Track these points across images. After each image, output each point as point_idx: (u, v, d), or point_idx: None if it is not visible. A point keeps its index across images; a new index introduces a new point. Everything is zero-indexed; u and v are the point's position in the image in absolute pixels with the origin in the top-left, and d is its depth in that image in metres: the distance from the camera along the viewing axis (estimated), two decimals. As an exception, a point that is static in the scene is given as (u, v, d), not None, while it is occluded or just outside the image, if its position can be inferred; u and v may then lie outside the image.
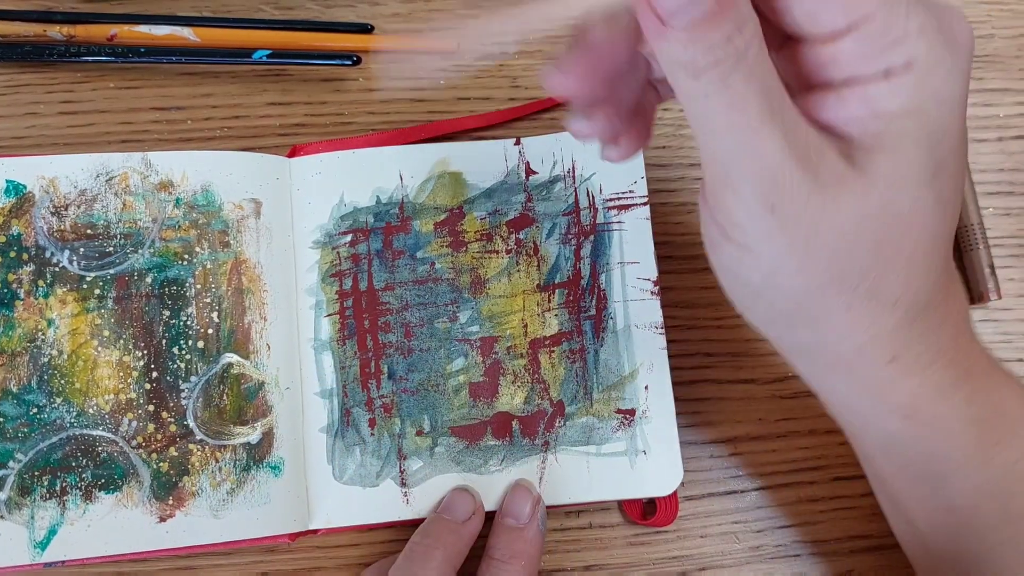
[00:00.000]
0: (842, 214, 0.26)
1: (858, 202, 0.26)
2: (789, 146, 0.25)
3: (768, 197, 0.26)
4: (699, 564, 0.43)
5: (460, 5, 0.48)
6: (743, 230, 0.27)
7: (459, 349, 0.43)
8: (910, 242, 0.27)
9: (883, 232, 0.26)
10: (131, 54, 0.44)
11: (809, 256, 0.27)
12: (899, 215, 0.26)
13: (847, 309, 0.28)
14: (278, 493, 0.40)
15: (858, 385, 0.31)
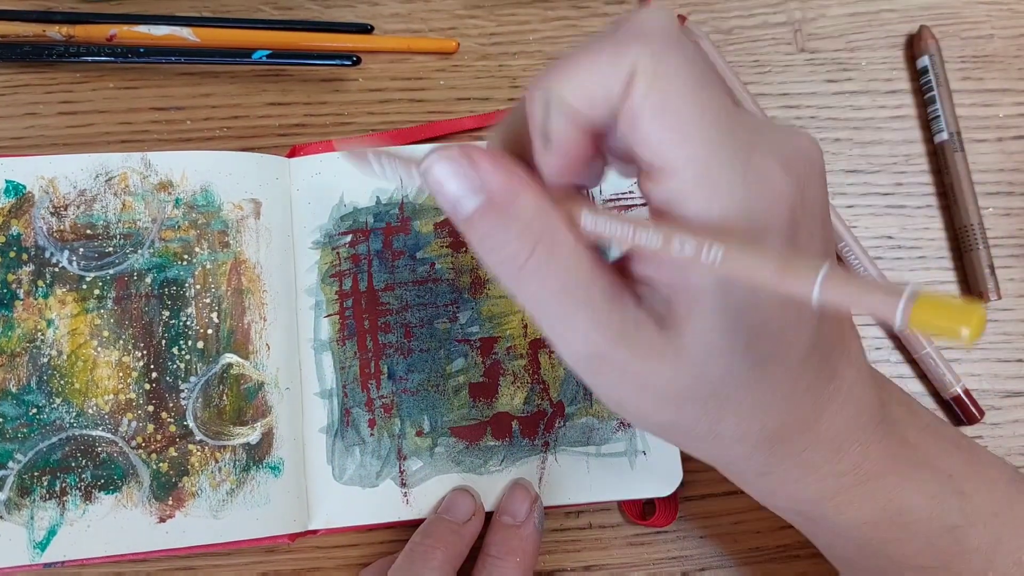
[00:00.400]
0: (663, 380, 0.26)
1: (673, 371, 0.26)
2: (598, 326, 0.26)
3: (589, 366, 0.27)
4: (699, 564, 0.43)
5: (460, 5, 0.48)
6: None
7: (459, 350, 0.43)
8: (732, 402, 0.27)
9: (704, 392, 0.27)
10: (130, 54, 0.44)
11: (645, 407, 0.28)
12: (713, 382, 0.27)
13: (697, 440, 0.30)
14: (278, 493, 0.40)
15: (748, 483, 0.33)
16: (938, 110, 0.46)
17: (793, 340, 0.27)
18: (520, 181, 0.25)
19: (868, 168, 0.47)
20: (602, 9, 0.48)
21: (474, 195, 0.25)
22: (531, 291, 0.26)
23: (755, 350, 0.26)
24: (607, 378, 0.27)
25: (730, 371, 0.26)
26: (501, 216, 0.25)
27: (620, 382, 0.27)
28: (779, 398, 0.28)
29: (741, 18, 0.49)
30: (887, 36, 0.49)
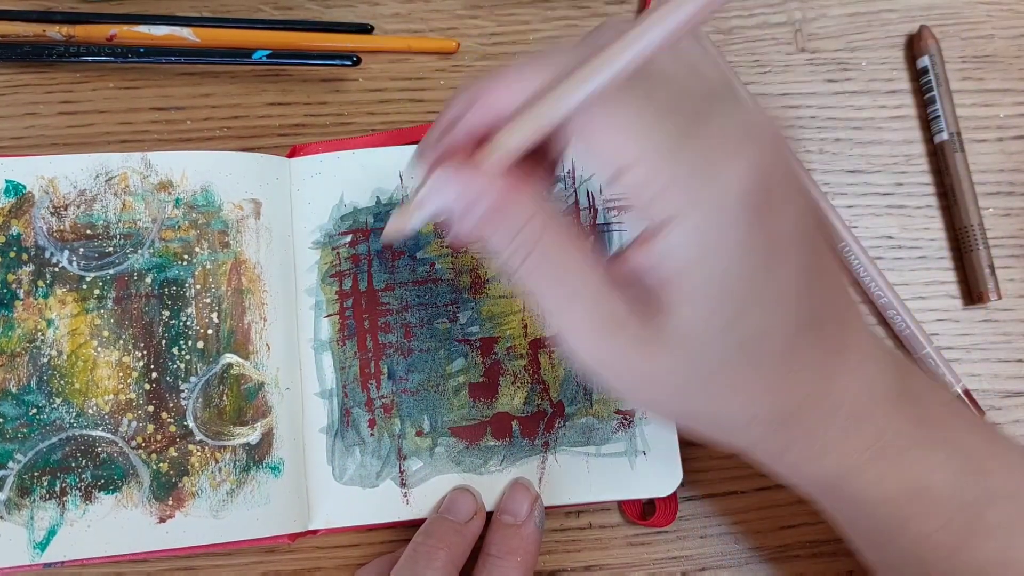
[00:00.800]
0: (661, 370, 0.28)
1: (668, 362, 0.27)
2: (591, 320, 0.27)
3: (592, 358, 0.28)
4: (699, 564, 0.43)
5: (460, 5, 0.48)
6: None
7: (459, 350, 0.43)
8: (731, 385, 0.28)
9: (701, 378, 0.28)
10: (130, 54, 0.44)
11: (652, 397, 0.30)
12: (706, 367, 0.28)
13: (713, 427, 0.31)
14: (278, 493, 0.40)
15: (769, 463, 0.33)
16: (938, 110, 0.46)
17: (778, 308, 0.27)
18: (512, 186, 0.27)
19: (868, 168, 0.47)
20: (602, 9, 0.48)
21: (473, 209, 0.27)
22: (534, 283, 0.28)
23: (738, 331, 0.27)
24: (611, 371, 0.28)
25: (719, 354, 0.27)
26: (499, 221, 0.27)
27: (623, 374, 0.28)
28: (778, 376, 0.29)
29: (741, 18, 0.49)
30: (887, 36, 0.49)
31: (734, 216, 0.25)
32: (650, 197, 0.25)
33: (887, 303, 0.45)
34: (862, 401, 0.30)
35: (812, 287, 0.28)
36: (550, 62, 0.26)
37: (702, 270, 0.26)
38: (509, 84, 0.26)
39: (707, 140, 0.25)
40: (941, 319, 0.46)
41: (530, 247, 0.27)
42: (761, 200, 0.25)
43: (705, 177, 0.25)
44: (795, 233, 0.26)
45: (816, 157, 0.47)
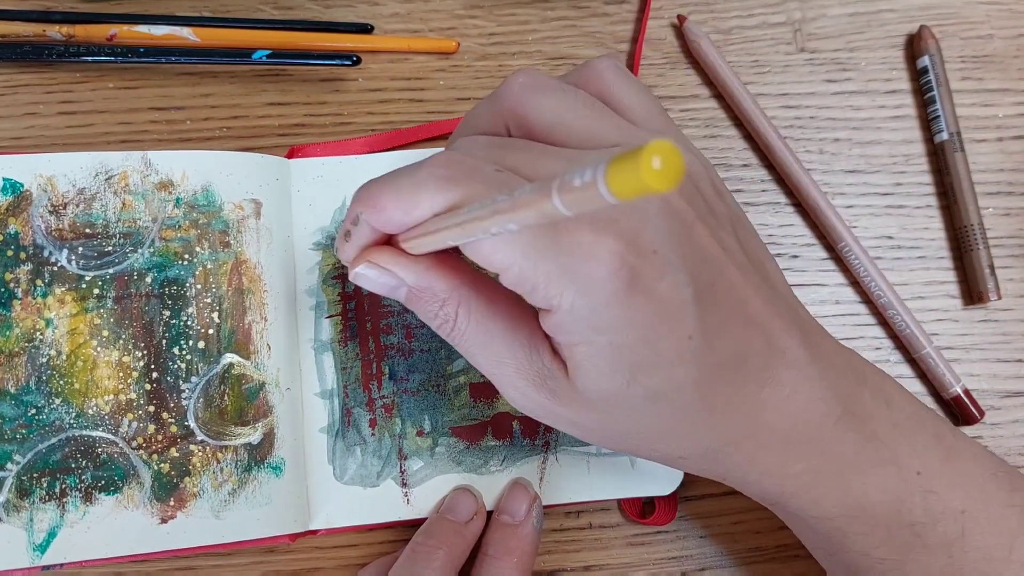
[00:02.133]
0: (585, 420, 0.31)
1: (588, 413, 0.30)
2: (520, 374, 0.30)
3: (527, 408, 0.32)
4: (699, 564, 0.43)
5: (460, 5, 0.48)
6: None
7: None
8: (653, 432, 0.31)
9: (622, 428, 0.31)
10: (130, 54, 0.44)
11: (591, 438, 0.33)
12: (621, 420, 0.30)
13: (659, 460, 0.34)
14: (279, 493, 0.40)
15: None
16: (938, 110, 0.46)
17: (677, 366, 0.29)
18: (429, 268, 0.30)
19: (868, 168, 0.47)
20: (602, 9, 0.48)
21: (400, 287, 0.31)
22: (465, 348, 0.31)
23: (642, 385, 0.29)
24: (547, 419, 0.32)
25: (629, 410, 0.30)
26: (422, 298, 0.31)
27: (558, 422, 0.32)
28: (697, 421, 0.30)
29: (741, 18, 0.49)
30: (887, 36, 0.49)
31: (606, 297, 0.27)
32: (529, 291, 0.27)
33: (887, 303, 0.45)
34: (797, 428, 0.31)
35: (718, 337, 0.29)
36: (439, 194, 0.27)
37: (589, 345, 0.28)
38: (404, 208, 0.28)
39: (568, 239, 0.26)
40: (941, 319, 0.46)
41: (451, 323, 0.31)
42: (630, 277, 0.27)
43: (571, 272, 0.27)
44: (678, 298, 0.28)
45: (816, 157, 0.47)
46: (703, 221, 0.29)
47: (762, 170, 0.47)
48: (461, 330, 0.31)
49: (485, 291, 0.30)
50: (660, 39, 0.48)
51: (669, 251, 0.27)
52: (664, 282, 0.27)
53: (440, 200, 0.27)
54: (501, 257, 0.27)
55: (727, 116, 0.47)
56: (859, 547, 0.33)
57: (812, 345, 0.32)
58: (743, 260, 0.31)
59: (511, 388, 0.31)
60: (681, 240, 0.28)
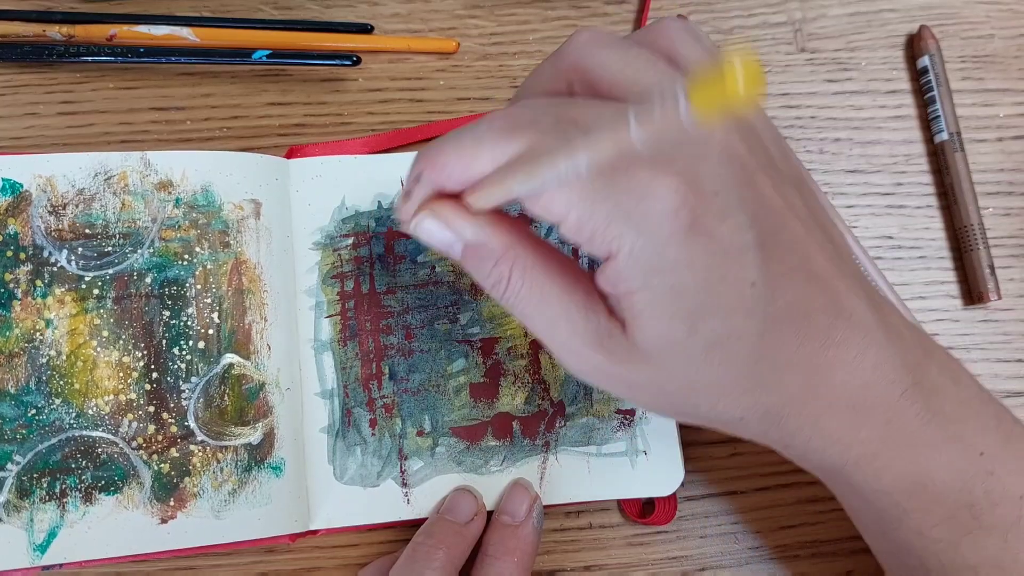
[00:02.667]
0: (643, 379, 0.30)
1: (647, 371, 0.29)
2: (576, 335, 0.30)
3: (581, 371, 0.31)
4: (699, 564, 0.43)
5: (460, 5, 0.48)
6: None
7: (460, 350, 0.43)
8: (711, 387, 0.30)
9: (680, 384, 0.30)
10: (130, 54, 0.44)
11: (646, 402, 0.33)
12: (681, 373, 0.29)
13: (717, 424, 0.32)
14: (279, 493, 0.40)
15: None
16: (938, 110, 0.46)
17: (739, 314, 0.28)
18: (486, 225, 0.29)
19: (868, 168, 0.47)
20: (602, 9, 0.48)
21: (456, 243, 0.30)
22: (519, 309, 0.30)
23: (700, 338, 0.28)
24: (602, 381, 0.31)
25: (687, 362, 0.29)
26: (478, 255, 0.30)
27: (613, 384, 0.31)
28: (756, 376, 0.29)
29: (741, 18, 0.49)
30: (887, 36, 0.49)
31: (666, 236, 0.26)
32: (587, 239, 0.27)
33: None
34: (865, 394, 0.30)
35: (781, 288, 0.28)
36: (507, 142, 0.27)
37: (649, 290, 0.27)
38: (466, 162, 0.28)
39: (627, 179, 0.26)
40: (941, 319, 0.46)
41: (504, 283, 0.30)
42: (690, 217, 0.26)
43: (630, 211, 0.26)
44: (740, 242, 0.27)
45: (816, 157, 0.47)
46: (765, 172, 0.29)
47: (762, 170, 0.47)
48: (515, 290, 0.30)
49: (540, 252, 0.30)
50: (660, 39, 0.48)
51: (730, 195, 0.27)
52: (725, 224, 0.27)
53: (501, 151, 0.27)
54: (560, 205, 0.27)
55: (727, 116, 0.47)
56: (916, 525, 0.33)
57: (879, 311, 0.31)
58: (806, 216, 0.30)
59: (565, 351, 0.30)
60: (742, 186, 0.28)
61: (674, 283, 0.27)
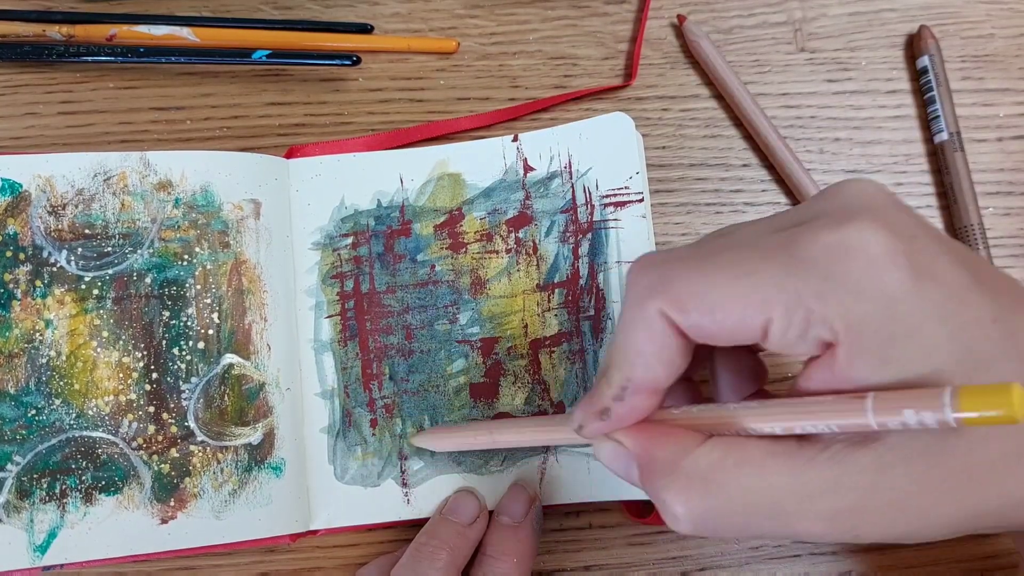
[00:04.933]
0: (912, 488, 0.25)
1: (911, 478, 0.25)
2: (802, 492, 0.25)
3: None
4: (699, 564, 0.43)
5: (460, 5, 0.48)
6: None
7: (459, 350, 0.43)
8: (976, 471, 0.25)
9: (936, 487, 0.25)
10: (130, 54, 0.44)
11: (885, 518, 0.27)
12: (959, 460, 0.25)
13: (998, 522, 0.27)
14: (280, 494, 0.40)
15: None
16: (938, 110, 0.46)
17: (1001, 361, 0.24)
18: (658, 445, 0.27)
19: (868, 168, 0.47)
20: (602, 9, 0.48)
21: (630, 469, 0.28)
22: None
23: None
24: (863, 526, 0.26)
25: (966, 440, 0.25)
26: (652, 476, 0.27)
27: (872, 522, 0.26)
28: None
29: (741, 18, 0.49)
30: (887, 36, 0.49)
31: (894, 291, 0.23)
32: (799, 333, 0.24)
33: (887, 303, 0.45)
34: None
35: (1015, 319, 0.25)
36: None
37: (895, 364, 0.24)
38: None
39: (815, 244, 0.24)
40: (941, 319, 0.46)
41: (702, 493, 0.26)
42: (909, 261, 0.24)
43: (841, 276, 0.24)
44: (961, 280, 0.24)
45: (816, 157, 0.47)
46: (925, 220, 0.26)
47: (762, 170, 0.47)
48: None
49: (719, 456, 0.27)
50: (660, 39, 0.48)
51: (925, 236, 0.25)
52: (939, 265, 0.24)
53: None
54: (754, 308, 0.24)
55: (727, 116, 0.47)
56: None
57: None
58: (973, 252, 0.28)
59: (803, 523, 0.26)
60: (925, 227, 0.25)
61: (920, 345, 0.23)
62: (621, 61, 0.48)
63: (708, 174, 0.46)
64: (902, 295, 0.23)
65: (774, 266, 0.24)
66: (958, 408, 0.21)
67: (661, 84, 0.47)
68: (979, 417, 0.21)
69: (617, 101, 0.47)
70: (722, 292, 0.25)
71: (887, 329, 0.23)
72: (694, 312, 0.25)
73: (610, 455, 0.28)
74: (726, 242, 0.26)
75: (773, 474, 0.25)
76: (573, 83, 0.47)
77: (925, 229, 0.25)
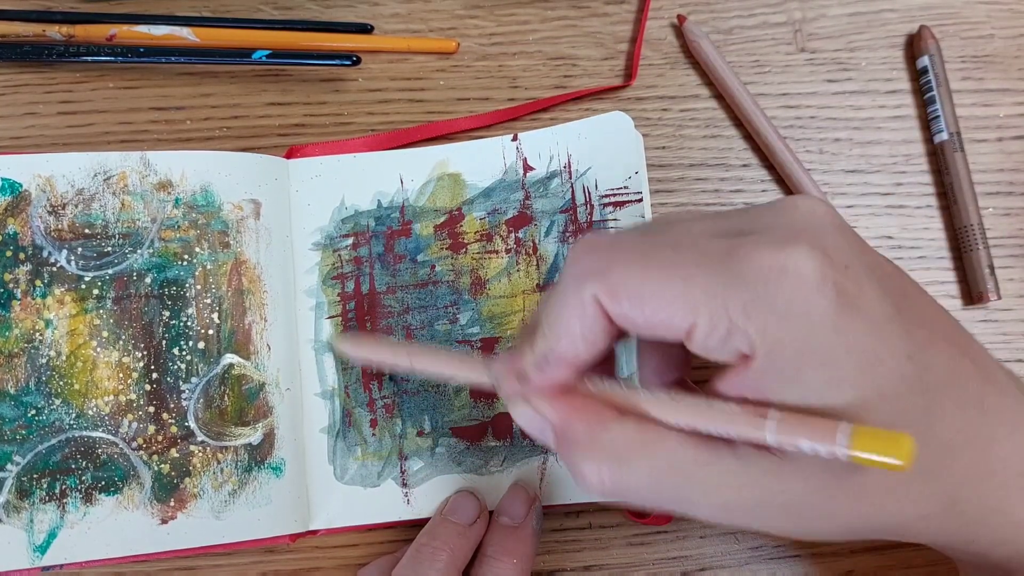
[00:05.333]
0: (797, 495, 0.27)
1: (800, 487, 0.26)
2: (708, 484, 0.27)
3: (723, 512, 0.28)
4: (699, 564, 0.43)
5: (460, 5, 0.48)
6: None
7: (460, 350, 0.43)
8: (884, 489, 0.26)
9: (844, 499, 0.26)
10: (130, 54, 0.44)
11: (802, 520, 0.28)
12: (840, 485, 0.26)
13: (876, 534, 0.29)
14: (279, 494, 0.40)
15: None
16: (938, 110, 0.46)
17: (905, 396, 0.25)
18: (576, 414, 0.28)
19: (868, 168, 0.47)
20: (602, 9, 0.48)
21: (545, 433, 0.29)
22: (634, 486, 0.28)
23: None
24: (754, 518, 0.28)
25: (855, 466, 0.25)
26: (568, 446, 0.28)
27: (761, 515, 0.28)
28: (936, 460, 0.27)
29: (741, 18, 0.49)
30: (887, 36, 0.49)
31: (817, 319, 0.24)
32: (720, 341, 0.25)
33: (887, 303, 0.45)
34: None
35: (930, 354, 0.26)
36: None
37: (801, 386, 0.25)
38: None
39: (749, 260, 0.25)
40: (941, 319, 0.46)
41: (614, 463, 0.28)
42: (836, 292, 0.24)
43: (769, 295, 0.24)
44: (885, 313, 0.25)
45: (816, 157, 0.47)
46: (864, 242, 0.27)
47: (762, 170, 0.47)
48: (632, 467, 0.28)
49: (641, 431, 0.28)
50: (660, 39, 0.48)
51: (859, 265, 0.25)
52: (865, 296, 0.25)
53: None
54: (681, 310, 0.25)
55: (727, 116, 0.47)
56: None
57: (1008, 373, 0.29)
58: (910, 280, 0.29)
59: (720, 509, 0.27)
60: (862, 254, 0.26)
61: (831, 375, 0.24)
62: (621, 61, 0.48)
63: (708, 174, 0.46)
64: (822, 324, 0.24)
65: (708, 274, 0.25)
66: (851, 447, 0.23)
67: (661, 84, 0.47)
68: (869, 459, 0.23)
69: (617, 101, 0.47)
70: (654, 290, 0.26)
71: (801, 354, 0.24)
72: (625, 303, 0.26)
73: (526, 418, 0.29)
74: (669, 239, 0.27)
75: (680, 460, 0.27)
76: (573, 83, 0.47)
77: (861, 256, 0.26)
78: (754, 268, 0.25)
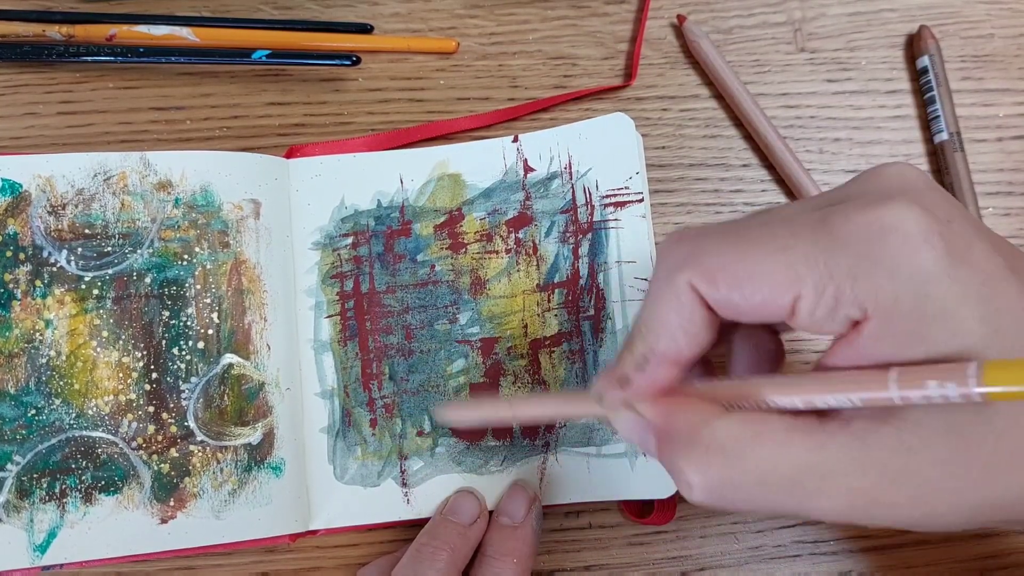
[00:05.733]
0: (921, 469, 0.25)
1: (922, 461, 0.24)
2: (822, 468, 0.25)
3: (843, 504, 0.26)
4: (699, 564, 0.43)
5: (460, 5, 0.48)
6: None
7: (459, 351, 0.43)
8: (1011, 457, 0.24)
9: (979, 464, 0.24)
10: (130, 54, 0.44)
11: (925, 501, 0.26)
12: (975, 451, 0.24)
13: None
14: (279, 494, 0.40)
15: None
16: (938, 110, 0.46)
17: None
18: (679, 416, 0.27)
19: (868, 168, 0.47)
20: (602, 9, 0.48)
21: (647, 441, 0.27)
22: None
23: None
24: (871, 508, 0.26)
25: (988, 428, 0.24)
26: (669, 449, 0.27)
27: (883, 507, 0.26)
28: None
29: (741, 18, 0.49)
30: (887, 36, 0.49)
31: (928, 272, 0.23)
32: (829, 311, 0.24)
33: (887, 303, 0.45)
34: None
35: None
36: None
37: (925, 344, 0.23)
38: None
39: (848, 222, 0.24)
40: (941, 319, 0.46)
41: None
42: (945, 245, 0.23)
43: (875, 255, 0.23)
44: (996, 266, 0.24)
45: (816, 157, 0.47)
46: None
47: (762, 170, 0.47)
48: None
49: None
50: (660, 39, 0.48)
51: (962, 220, 0.24)
52: (974, 250, 0.24)
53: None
54: (783, 284, 0.24)
55: (727, 116, 0.47)
56: None
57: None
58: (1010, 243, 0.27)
59: (826, 501, 0.25)
60: (962, 211, 0.25)
61: (953, 327, 0.23)
62: (621, 61, 0.48)
63: (708, 174, 0.46)
64: (936, 276, 0.23)
65: (807, 243, 0.24)
66: (983, 382, 0.21)
67: (661, 84, 0.47)
68: (1004, 392, 0.21)
69: (617, 101, 0.47)
70: (753, 267, 0.25)
71: (919, 309, 0.23)
72: (723, 285, 0.25)
73: (627, 424, 0.28)
74: (760, 219, 0.26)
75: (793, 448, 0.25)
76: (573, 83, 0.47)
77: (962, 213, 0.25)
78: (854, 230, 0.24)
